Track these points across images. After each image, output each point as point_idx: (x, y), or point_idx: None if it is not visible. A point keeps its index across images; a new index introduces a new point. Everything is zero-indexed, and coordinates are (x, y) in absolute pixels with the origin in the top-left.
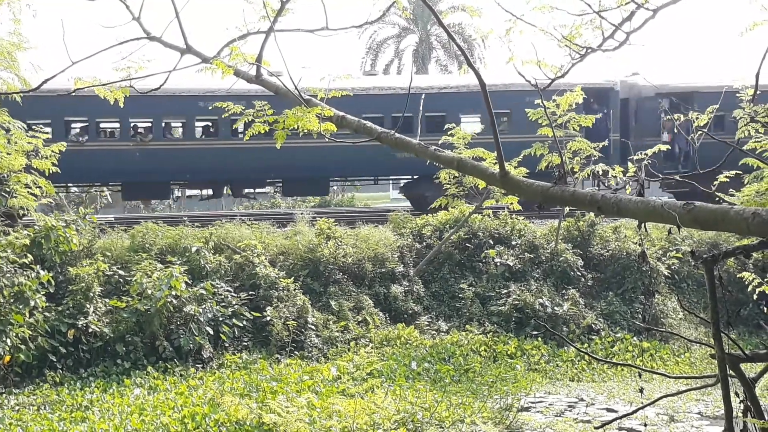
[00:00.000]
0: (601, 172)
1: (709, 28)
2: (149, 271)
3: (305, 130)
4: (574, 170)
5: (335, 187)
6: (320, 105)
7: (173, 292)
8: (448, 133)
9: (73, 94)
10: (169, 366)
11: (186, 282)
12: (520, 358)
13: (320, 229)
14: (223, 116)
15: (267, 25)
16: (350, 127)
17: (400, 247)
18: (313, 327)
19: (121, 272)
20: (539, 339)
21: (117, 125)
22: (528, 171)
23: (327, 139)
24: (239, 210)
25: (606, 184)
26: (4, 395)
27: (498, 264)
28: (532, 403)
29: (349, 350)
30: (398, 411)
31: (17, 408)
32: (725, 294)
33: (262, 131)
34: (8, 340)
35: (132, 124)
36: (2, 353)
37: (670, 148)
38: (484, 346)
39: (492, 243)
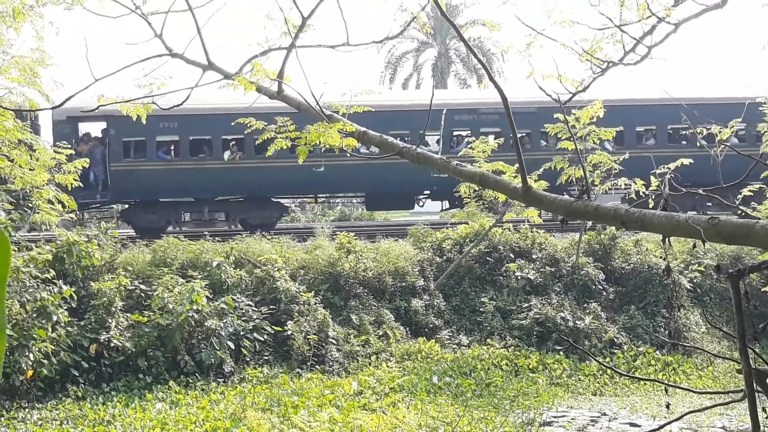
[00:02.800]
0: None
1: (731, 41)
2: (170, 285)
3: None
4: (595, 183)
5: (354, 201)
6: (342, 120)
7: (194, 307)
8: (469, 146)
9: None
10: (190, 380)
11: (207, 296)
12: (542, 372)
13: (340, 243)
14: (245, 132)
15: (288, 41)
16: (372, 143)
17: (420, 261)
18: (333, 341)
19: (142, 287)
20: (561, 353)
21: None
22: (548, 185)
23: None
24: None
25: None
26: (27, 410)
27: (519, 278)
28: (555, 417)
29: (369, 364)
30: (420, 426)
31: (40, 423)
32: (750, 308)
33: (286, 146)
34: (31, 355)
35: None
36: (25, 368)
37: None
38: (505, 360)
39: (513, 257)
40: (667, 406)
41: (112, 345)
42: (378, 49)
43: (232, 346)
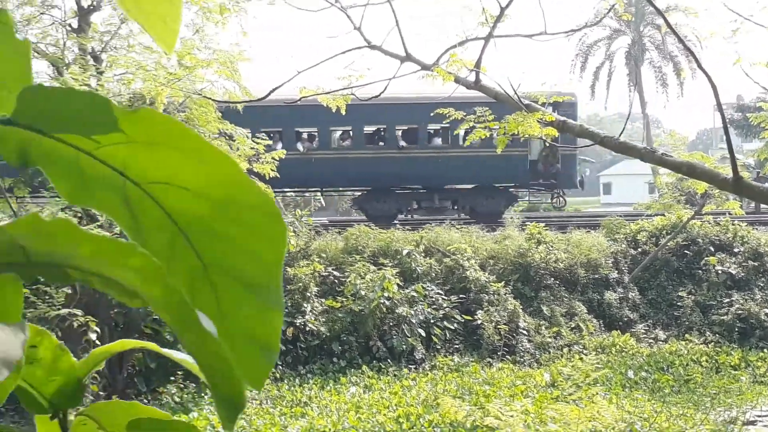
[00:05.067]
0: None
1: None
2: (362, 272)
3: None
4: None
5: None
6: (541, 110)
7: (386, 294)
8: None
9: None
10: (382, 366)
11: (398, 284)
12: (745, 370)
13: (530, 234)
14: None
15: (485, 31)
16: (572, 132)
17: (614, 253)
18: (524, 332)
19: (335, 273)
20: (765, 350)
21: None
22: (749, 176)
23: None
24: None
25: None
26: None
27: (719, 272)
28: (759, 416)
29: (561, 356)
30: (616, 420)
31: None
32: None
33: (484, 137)
34: None
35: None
36: None
37: None
38: (705, 357)
39: (712, 250)
40: None
41: (307, 329)
42: (569, 38)
43: (423, 334)
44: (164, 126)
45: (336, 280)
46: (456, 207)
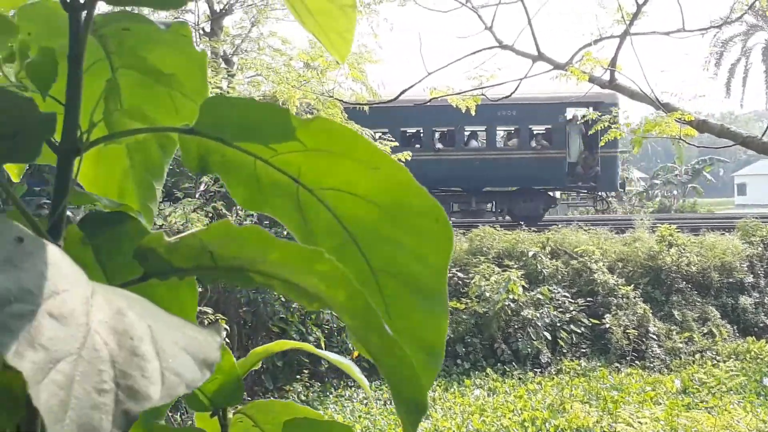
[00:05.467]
0: None
1: None
2: (487, 274)
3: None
4: None
5: (675, 193)
6: (680, 109)
7: (511, 296)
8: None
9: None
10: (507, 369)
11: (523, 286)
12: None
13: (661, 236)
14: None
15: (620, 29)
16: (712, 132)
17: (749, 256)
18: (654, 336)
19: (459, 274)
20: None
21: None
22: None
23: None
24: (575, 215)
25: None
26: (353, 389)
27: None
28: None
29: (693, 362)
30: (751, 430)
31: (365, 401)
32: None
33: (620, 136)
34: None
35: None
36: (351, 348)
37: None
38: None
39: None
40: None
41: None
42: (703, 34)
43: (549, 337)
44: (338, 134)
45: (460, 282)
46: (494, 209)
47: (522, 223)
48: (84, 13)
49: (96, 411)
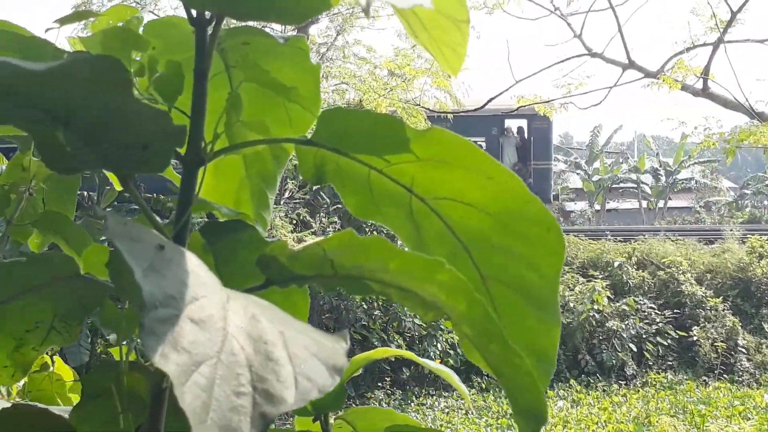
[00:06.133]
0: None
1: None
2: (571, 284)
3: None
4: None
5: (766, 203)
6: None
7: (595, 307)
8: None
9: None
10: (591, 380)
11: (608, 297)
12: None
13: (752, 247)
14: None
15: (714, 37)
16: None
17: None
18: (743, 350)
19: None
20: None
21: None
22: None
23: None
24: (661, 225)
25: None
26: (434, 397)
27: None
28: None
29: None
30: None
31: (447, 410)
32: None
33: (713, 146)
34: (438, 345)
35: None
36: (433, 357)
37: None
38: None
39: None
40: None
41: None
42: None
43: (634, 349)
44: (453, 145)
45: None
46: None
47: None
48: (210, 29)
49: (235, 413)
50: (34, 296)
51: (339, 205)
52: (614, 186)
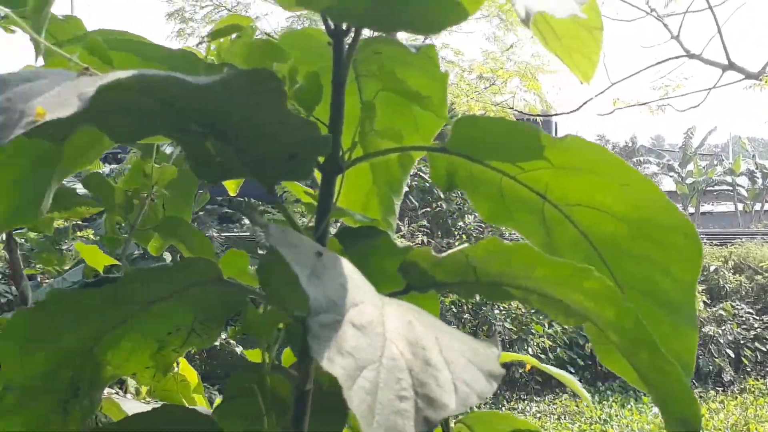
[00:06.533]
0: None
1: None
2: None
3: None
4: None
5: None
6: None
7: None
8: None
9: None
10: None
11: (704, 302)
12: None
13: None
14: None
15: None
16: None
17: None
18: None
19: None
20: None
21: None
22: None
23: None
24: (759, 228)
25: None
26: (525, 402)
27: None
28: None
29: None
30: None
31: (539, 415)
32: None
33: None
34: (529, 349)
35: None
36: (524, 361)
37: None
38: None
39: None
40: None
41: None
42: None
43: (732, 355)
44: (586, 151)
45: None
46: None
47: None
48: (347, 40)
49: (399, 417)
50: (178, 300)
51: (428, 209)
52: (708, 189)
